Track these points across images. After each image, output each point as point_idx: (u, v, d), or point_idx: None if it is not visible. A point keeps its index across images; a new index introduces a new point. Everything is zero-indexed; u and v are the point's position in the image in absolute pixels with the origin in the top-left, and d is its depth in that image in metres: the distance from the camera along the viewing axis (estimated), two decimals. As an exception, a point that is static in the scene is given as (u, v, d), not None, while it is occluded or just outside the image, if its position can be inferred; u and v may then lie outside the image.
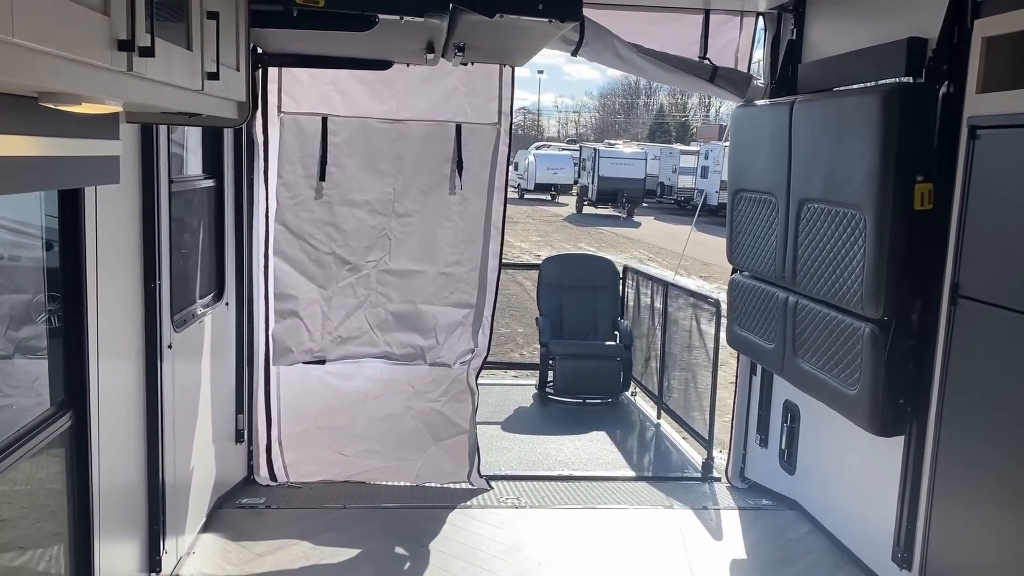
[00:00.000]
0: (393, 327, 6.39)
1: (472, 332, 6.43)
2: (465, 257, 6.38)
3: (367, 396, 6.38)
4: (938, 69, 4.27)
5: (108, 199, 3.51)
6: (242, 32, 3.58)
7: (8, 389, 3.26)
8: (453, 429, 6.44)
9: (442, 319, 6.39)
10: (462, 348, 6.45)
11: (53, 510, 3.39)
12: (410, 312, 6.39)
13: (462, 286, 6.40)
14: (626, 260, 24.31)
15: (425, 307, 6.39)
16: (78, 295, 3.29)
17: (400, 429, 6.40)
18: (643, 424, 8.55)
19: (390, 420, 6.40)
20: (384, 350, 6.40)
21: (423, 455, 6.41)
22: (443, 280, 6.39)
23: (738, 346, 6.29)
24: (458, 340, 6.43)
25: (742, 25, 6.35)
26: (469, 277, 6.39)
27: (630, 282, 9.77)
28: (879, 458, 4.89)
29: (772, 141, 5.48)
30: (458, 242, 6.36)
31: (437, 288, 6.39)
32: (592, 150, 45.11)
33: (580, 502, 6.25)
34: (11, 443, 2.95)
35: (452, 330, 6.42)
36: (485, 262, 6.39)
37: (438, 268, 6.37)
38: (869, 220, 4.41)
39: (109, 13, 2.08)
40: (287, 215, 6.13)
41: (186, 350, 4.71)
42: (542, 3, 3.98)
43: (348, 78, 6.09)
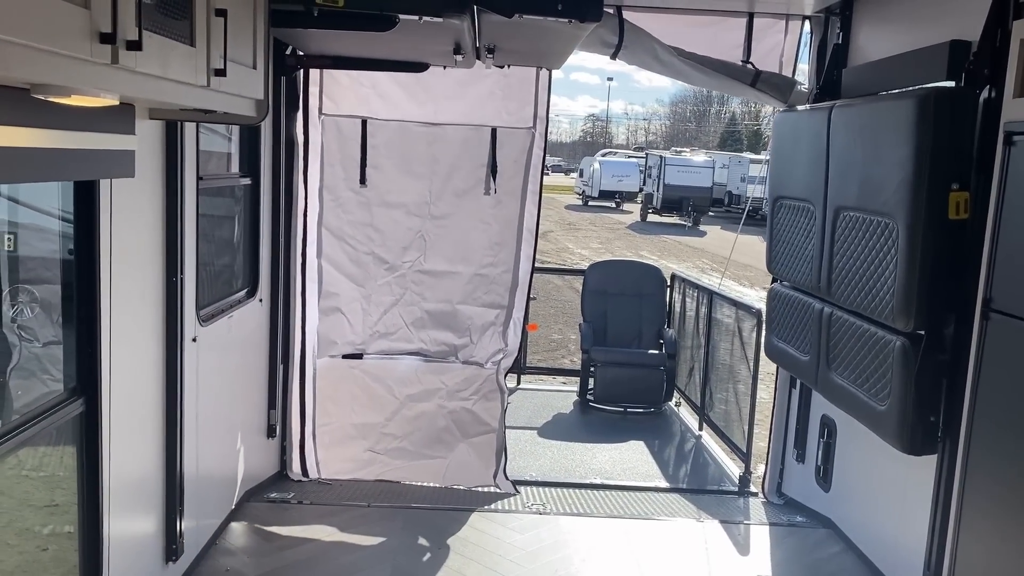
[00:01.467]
0: (428, 325, 6.50)
1: (502, 332, 6.49)
2: (499, 259, 6.44)
3: (401, 394, 6.48)
4: (978, 73, 4.07)
5: (126, 193, 3.60)
6: (260, 31, 3.65)
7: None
8: (482, 428, 6.48)
9: (476, 319, 6.49)
10: (493, 348, 6.51)
11: (63, 494, 3.49)
12: (445, 311, 6.49)
13: (495, 287, 6.47)
14: (687, 269, 24.05)
15: (460, 307, 6.48)
16: (91, 285, 3.38)
17: (431, 427, 6.48)
18: (684, 435, 8.39)
19: (422, 419, 6.48)
20: (419, 347, 6.53)
21: (451, 452, 6.47)
22: (477, 281, 6.47)
23: (776, 358, 6.12)
24: (490, 340, 6.51)
25: (787, 29, 6.19)
26: (502, 279, 6.46)
27: (677, 290, 9.63)
28: (913, 477, 4.70)
29: (810, 147, 5.32)
30: (492, 244, 6.43)
31: (472, 288, 6.48)
32: (658, 157, 44.70)
33: (607, 511, 6.17)
34: (21, 424, 3.05)
35: (484, 330, 6.50)
36: (517, 264, 6.44)
37: (472, 269, 6.46)
38: (902, 229, 4.24)
39: (89, 6, 2.13)
40: (330, 218, 6.26)
41: (213, 344, 4.80)
42: (561, 3, 3.97)
43: (387, 81, 6.16)
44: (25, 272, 3.35)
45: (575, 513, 6.11)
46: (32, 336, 3.38)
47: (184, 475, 4.43)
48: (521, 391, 9.33)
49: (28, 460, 3.34)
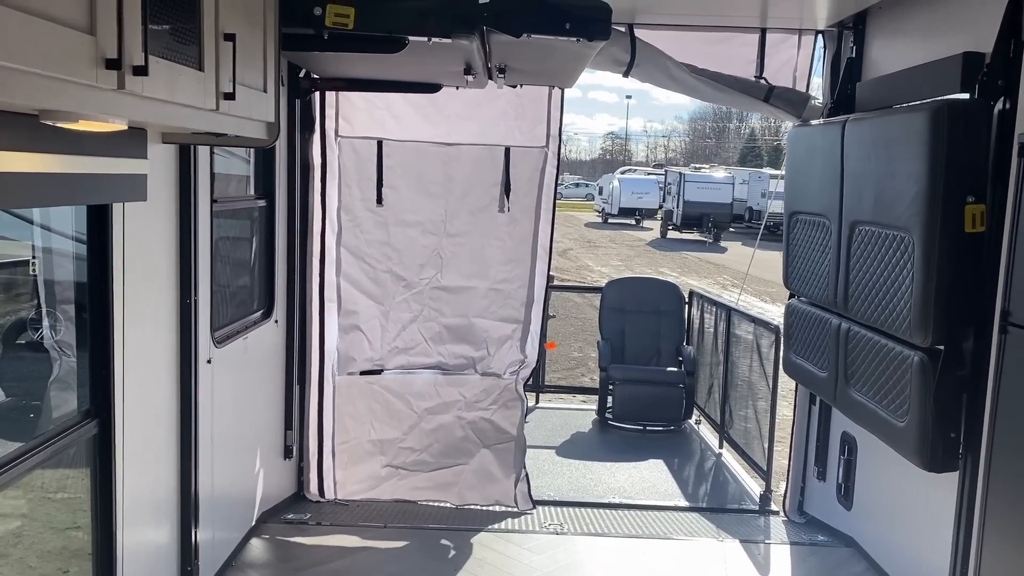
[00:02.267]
0: (446, 339, 6.58)
1: (520, 345, 6.58)
2: (514, 275, 6.53)
3: (419, 408, 6.52)
4: (992, 84, 4.04)
5: (140, 216, 3.64)
6: (271, 54, 3.69)
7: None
8: (502, 436, 6.53)
9: (492, 332, 6.57)
10: (511, 359, 6.58)
11: (85, 516, 3.52)
12: (462, 325, 6.57)
13: (511, 302, 6.56)
14: (708, 286, 23.91)
15: (476, 320, 6.56)
16: (104, 308, 3.42)
17: (449, 437, 6.54)
18: (704, 453, 8.31)
19: (440, 430, 6.53)
20: (438, 360, 6.59)
21: (471, 460, 6.52)
22: (493, 295, 6.56)
23: (794, 374, 6.06)
24: (507, 352, 6.59)
25: (800, 43, 6.18)
26: (517, 294, 6.54)
27: (695, 307, 9.57)
28: (935, 494, 4.61)
29: (825, 162, 5.29)
30: (507, 260, 6.51)
31: (488, 303, 6.57)
32: (677, 174, 44.59)
33: (625, 531, 6.11)
34: (33, 447, 3.08)
35: (502, 343, 6.58)
36: (532, 280, 6.52)
37: (488, 284, 6.54)
38: (918, 243, 4.20)
39: (95, 32, 2.16)
40: (348, 238, 6.32)
41: (228, 365, 4.83)
42: (569, 22, 3.98)
43: (401, 102, 6.22)
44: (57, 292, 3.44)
45: (593, 533, 6.06)
46: (70, 351, 3.50)
47: (199, 497, 4.44)
48: (540, 410, 9.30)
49: (51, 482, 3.39)
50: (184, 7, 2.78)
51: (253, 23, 3.47)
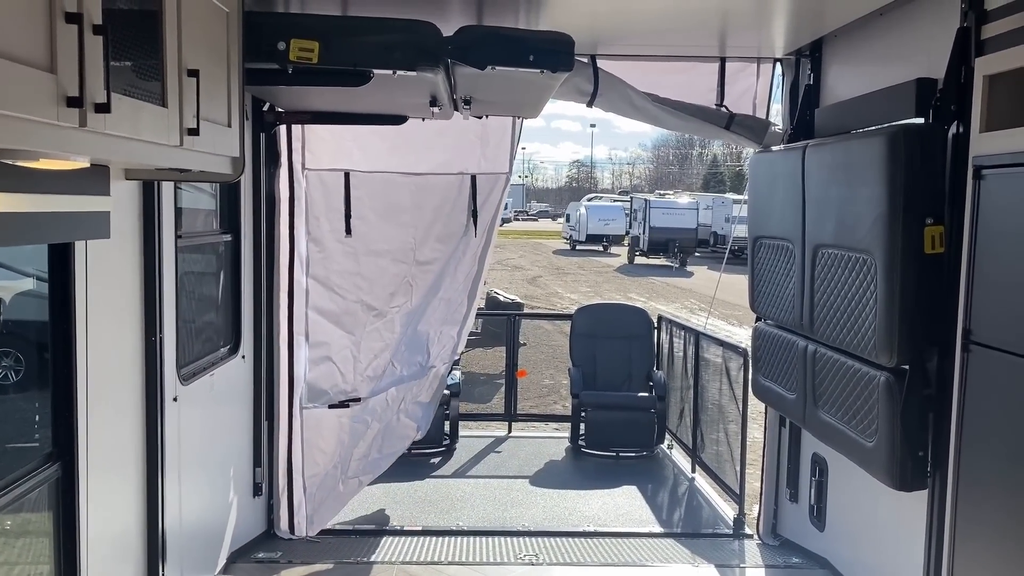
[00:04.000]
0: (405, 355, 6.80)
1: (456, 340, 7.08)
2: (462, 285, 6.87)
3: (372, 420, 6.63)
4: (945, 109, 4.15)
5: (103, 253, 3.59)
6: (235, 89, 3.68)
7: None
8: (425, 407, 7.06)
9: (434, 335, 6.94)
10: (447, 354, 7.05)
11: (40, 560, 3.42)
12: (415, 336, 6.82)
13: (456, 306, 6.94)
14: (676, 310, 24.06)
15: (423, 327, 6.86)
16: (67, 348, 3.35)
17: (392, 431, 6.83)
18: (677, 478, 8.31)
19: (385, 430, 6.76)
20: (399, 376, 6.80)
21: (407, 441, 7.03)
22: (443, 305, 6.89)
23: (763, 396, 6.11)
24: (445, 347, 7.02)
25: (759, 72, 6.30)
26: (461, 299, 6.94)
27: (664, 332, 9.63)
28: (906, 513, 4.65)
29: (786, 187, 5.38)
30: (458, 274, 6.80)
31: (438, 313, 6.89)
32: (643, 200, 45.06)
33: (600, 559, 6.08)
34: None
35: (444, 342, 6.99)
36: (477, 285, 6.92)
37: (440, 296, 6.82)
38: (879, 265, 4.27)
39: (56, 71, 2.14)
40: (317, 269, 6.30)
41: (195, 403, 4.75)
42: (533, 55, 4.03)
43: (368, 133, 6.24)
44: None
45: (568, 563, 6.02)
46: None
47: (167, 539, 4.34)
48: (513, 439, 9.27)
49: (12, 527, 3.29)
50: (146, 43, 2.77)
51: (217, 58, 3.46)
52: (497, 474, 7.98)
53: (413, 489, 7.31)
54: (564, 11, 5.10)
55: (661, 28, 5.55)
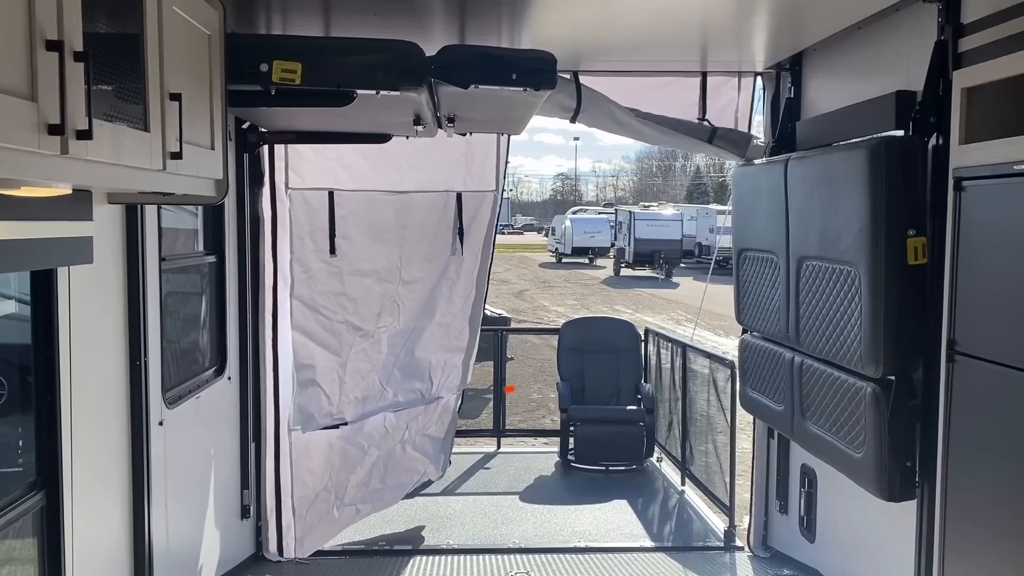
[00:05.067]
0: (399, 379, 6.70)
1: (463, 370, 6.93)
2: (459, 309, 6.79)
3: (369, 446, 6.58)
4: (925, 122, 4.19)
5: (87, 278, 3.56)
6: (218, 112, 3.66)
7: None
8: (437, 442, 6.94)
9: (436, 362, 6.84)
10: (452, 383, 6.92)
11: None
12: (410, 363, 6.74)
13: (455, 332, 6.83)
14: (662, 322, 24.11)
15: (423, 355, 6.78)
16: (50, 375, 3.32)
17: (395, 462, 6.73)
18: (667, 491, 8.31)
19: (387, 458, 6.68)
20: (392, 400, 6.71)
21: (416, 475, 6.87)
22: (439, 330, 6.79)
23: (751, 408, 6.12)
24: (451, 378, 6.90)
25: (740, 85, 6.35)
26: (461, 324, 6.84)
27: (652, 344, 9.64)
28: (895, 524, 4.66)
29: (770, 199, 5.41)
30: (454, 297, 6.73)
31: (434, 337, 6.79)
32: (628, 213, 45.23)
33: (592, 575, 6.05)
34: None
35: (447, 371, 6.87)
36: (477, 311, 6.82)
37: (436, 320, 6.75)
38: (863, 276, 4.30)
39: (36, 98, 2.13)
40: (301, 289, 6.25)
41: (181, 427, 4.71)
42: (516, 73, 4.04)
43: (351, 152, 6.22)
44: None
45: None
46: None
47: (154, 563, 4.29)
48: (502, 455, 9.23)
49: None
50: (128, 68, 2.76)
51: (199, 81, 3.45)
52: (487, 491, 7.95)
53: (402, 508, 7.26)
54: (546, 28, 5.12)
55: (643, 44, 5.59)
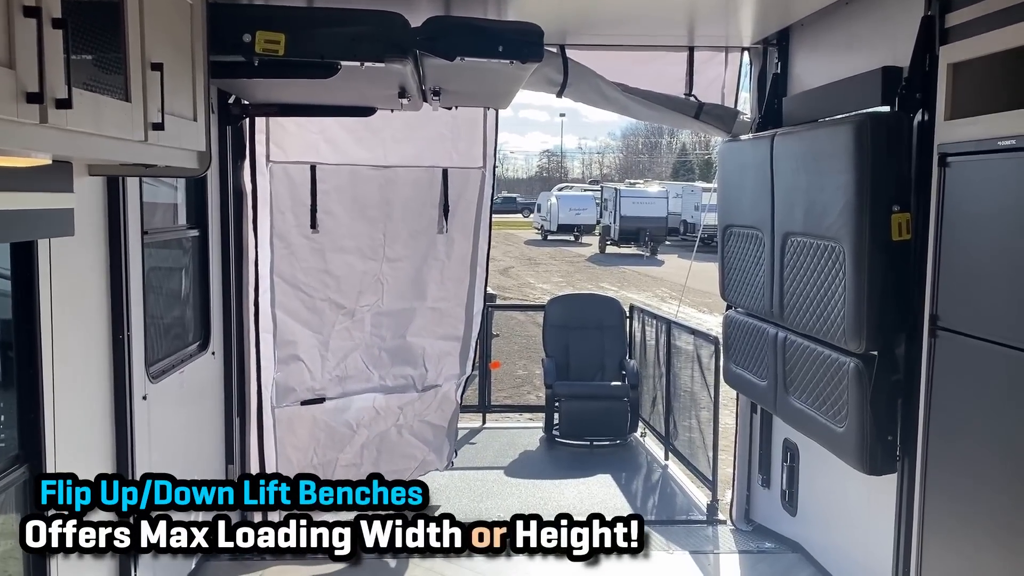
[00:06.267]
0: (387, 363, 6.59)
1: (460, 360, 6.72)
2: (452, 294, 6.61)
3: (358, 425, 6.51)
4: (911, 97, 4.20)
5: (68, 250, 3.52)
6: (200, 83, 3.62)
7: None
8: (437, 430, 6.77)
9: (431, 350, 6.66)
10: (450, 373, 6.74)
11: (9, 563, 3.36)
12: (401, 346, 6.60)
13: (450, 320, 6.65)
14: (647, 299, 24.17)
15: (415, 340, 6.62)
16: (32, 348, 3.29)
17: (390, 446, 6.62)
18: (650, 466, 8.37)
19: (379, 440, 6.60)
20: (379, 383, 6.59)
21: (414, 463, 6.69)
22: (432, 315, 6.63)
23: (735, 384, 6.16)
24: (447, 367, 6.72)
25: (727, 61, 6.32)
26: (456, 312, 6.65)
27: (636, 321, 9.67)
28: (875, 497, 4.72)
29: (755, 175, 5.41)
30: (445, 280, 6.57)
31: (426, 322, 6.63)
32: (613, 190, 45.17)
33: (576, 548, 6.09)
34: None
35: (441, 359, 6.70)
36: (472, 298, 6.64)
37: (427, 304, 6.59)
38: (848, 252, 4.32)
39: (14, 66, 2.09)
40: (282, 266, 6.18)
41: (165, 401, 4.68)
42: (502, 45, 4.01)
43: (335, 126, 6.15)
44: None
45: (544, 552, 6.03)
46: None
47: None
48: (487, 430, 9.26)
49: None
50: (108, 37, 2.71)
51: (181, 51, 3.40)
52: (472, 465, 7.97)
53: (388, 482, 7.28)
54: (533, 0, 5.08)
55: (630, 17, 5.55)
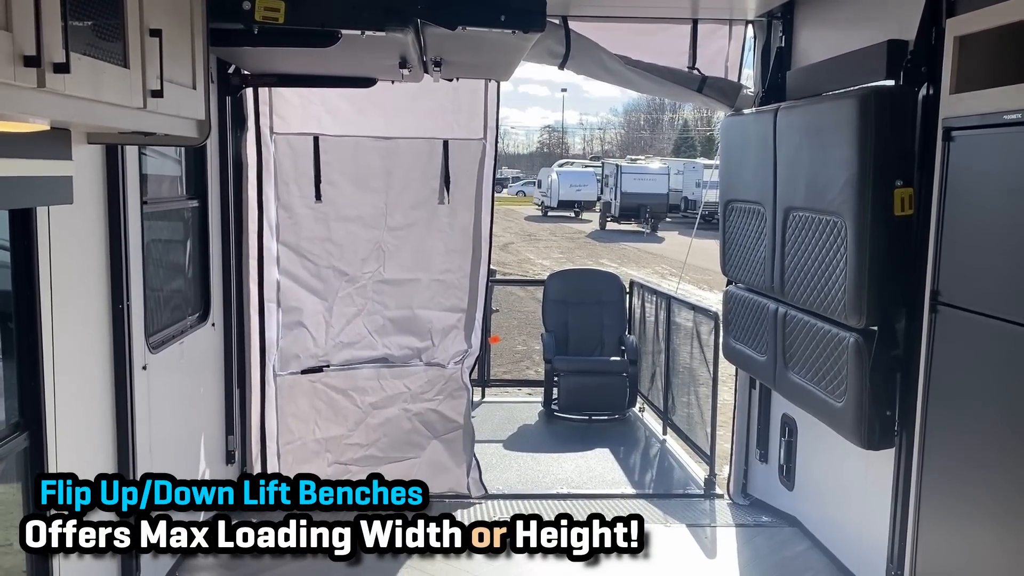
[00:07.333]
0: (391, 331, 6.61)
1: (465, 334, 6.65)
2: (456, 265, 6.59)
3: (363, 403, 6.51)
4: (916, 71, 4.16)
5: (67, 219, 3.51)
6: (199, 50, 3.59)
7: None
8: (450, 425, 6.61)
9: (436, 322, 6.63)
10: (455, 349, 6.65)
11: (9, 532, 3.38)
12: (406, 317, 6.61)
13: (454, 291, 6.62)
14: (647, 275, 24.16)
15: (420, 311, 6.61)
16: (31, 316, 3.28)
17: (397, 431, 6.57)
18: (648, 440, 8.41)
19: (387, 424, 6.55)
20: (383, 352, 6.61)
21: (422, 453, 6.57)
22: (436, 286, 6.61)
23: (734, 359, 6.17)
24: (452, 341, 6.65)
25: (731, 34, 6.27)
26: (460, 284, 6.62)
27: (636, 296, 9.67)
28: (873, 472, 4.75)
29: (758, 150, 5.39)
30: (448, 251, 6.55)
31: (431, 294, 6.62)
32: (614, 166, 45.00)
33: (574, 520, 6.13)
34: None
35: (446, 332, 6.65)
36: (476, 271, 6.59)
37: (431, 276, 6.59)
38: (850, 227, 4.30)
39: (11, 28, 2.07)
40: (287, 235, 6.25)
41: (165, 371, 4.69)
42: (504, 15, 3.97)
43: (337, 97, 6.15)
44: None
45: (542, 524, 6.07)
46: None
47: (139, 507, 4.31)
48: (486, 404, 9.29)
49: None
50: (107, 2, 2.68)
51: (180, 18, 3.37)
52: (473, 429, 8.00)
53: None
54: (535, -30, 5.01)
55: (633, -12, 5.50)
